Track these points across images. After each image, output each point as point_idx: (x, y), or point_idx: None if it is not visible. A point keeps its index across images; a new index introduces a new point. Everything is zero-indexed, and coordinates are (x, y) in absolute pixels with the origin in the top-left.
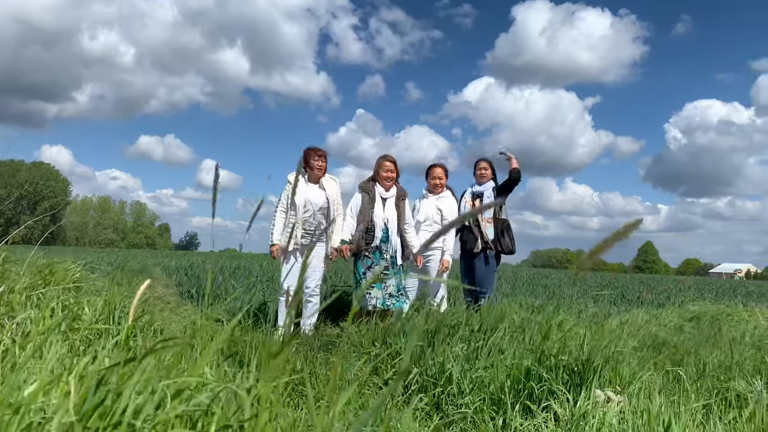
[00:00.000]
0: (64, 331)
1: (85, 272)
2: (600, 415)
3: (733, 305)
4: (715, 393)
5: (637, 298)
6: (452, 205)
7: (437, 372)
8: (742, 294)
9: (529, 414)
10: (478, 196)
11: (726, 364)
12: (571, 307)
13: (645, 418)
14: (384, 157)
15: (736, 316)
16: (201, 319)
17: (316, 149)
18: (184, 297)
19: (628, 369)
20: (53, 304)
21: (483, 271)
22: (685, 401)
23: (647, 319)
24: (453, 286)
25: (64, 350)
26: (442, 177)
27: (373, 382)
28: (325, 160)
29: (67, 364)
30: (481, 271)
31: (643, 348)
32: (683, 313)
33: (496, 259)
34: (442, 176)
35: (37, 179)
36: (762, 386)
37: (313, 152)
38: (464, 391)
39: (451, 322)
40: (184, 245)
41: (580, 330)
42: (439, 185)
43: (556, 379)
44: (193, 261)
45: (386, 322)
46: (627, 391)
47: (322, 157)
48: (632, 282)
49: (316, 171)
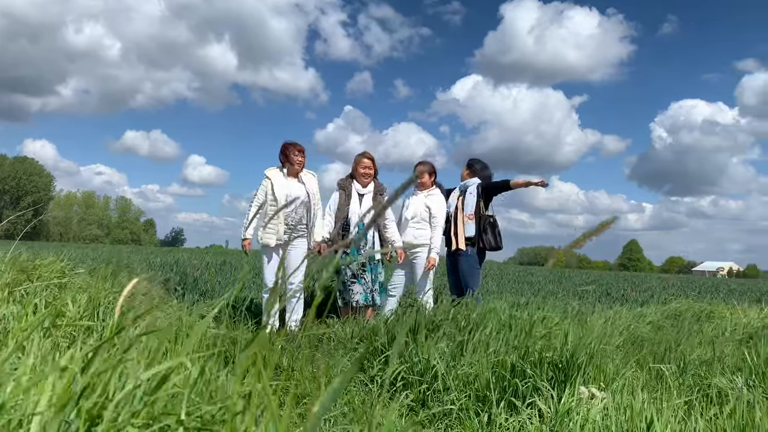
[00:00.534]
0: (47, 328)
1: (69, 268)
2: (584, 412)
3: (715, 303)
4: (697, 389)
5: (621, 296)
6: (440, 203)
7: (423, 368)
8: (724, 292)
9: (513, 410)
10: (463, 192)
11: (708, 361)
12: (556, 304)
13: (628, 414)
14: (362, 155)
15: (718, 314)
16: (186, 315)
17: (295, 144)
18: (169, 293)
19: (612, 366)
20: (36, 300)
21: (465, 268)
22: (667, 398)
23: (631, 317)
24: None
25: (47, 346)
26: (423, 176)
27: (359, 379)
28: (304, 155)
29: (49, 361)
30: (464, 268)
31: (626, 345)
32: (666, 310)
33: (478, 256)
34: (422, 175)
35: (20, 174)
36: (742, 382)
37: (292, 147)
38: (450, 388)
39: (436, 319)
40: (169, 241)
41: (564, 327)
42: (420, 184)
43: (540, 376)
44: (179, 257)
45: (368, 318)
46: (610, 388)
47: (302, 152)
48: (617, 279)
49: (296, 166)
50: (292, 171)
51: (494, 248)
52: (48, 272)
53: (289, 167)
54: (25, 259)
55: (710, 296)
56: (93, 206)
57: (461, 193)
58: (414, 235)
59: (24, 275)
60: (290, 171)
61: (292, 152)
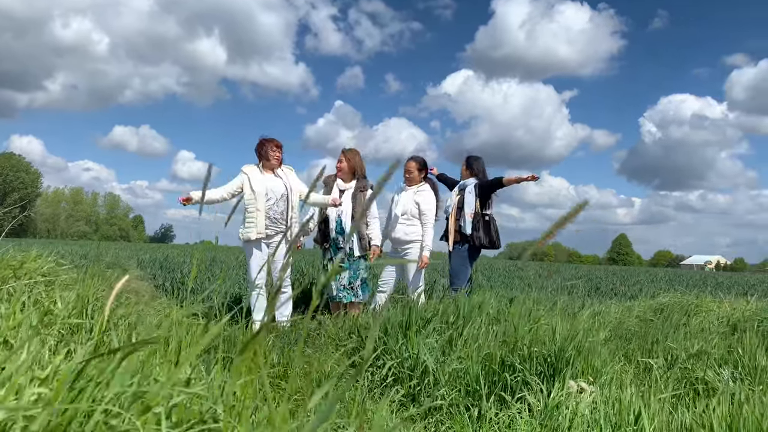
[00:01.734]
0: (36, 326)
1: (57, 265)
2: (573, 406)
3: (703, 296)
4: (685, 382)
5: (611, 290)
6: (430, 199)
7: (413, 364)
8: (712, 285)
9: (503, 405)
10: (462, 190)
11: (694, 354)
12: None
13: (616, 407)
14: (342, 151)
15: (705, 307)
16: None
17: (273, 140)
18: (159, 290)
19: (600, 359)
20: (24, 298)
21: (454, 265)
22: (654, 391)
23: (619, 311)
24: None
25: (36, 346)
26: (412, 171)
27: (350, 374)
28: (282, 151)
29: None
30: (453, 265)
31: (615, 339)
32: (653, 304)
33: (469, 253)
34: (411, 170)
35: (7, 171)
36: (728, 375)
37: (269, 143)
38: (440, 383)
39: (426, 314)
40: (158, 237)
41: (553, 321)
42: (408, 179)
43: (530, 370)
44: (168, 253)
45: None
46: (599, 382)
47: (279, 148)
48: (606, 274)
49: (273, 161)
50: (268, 166)
51: (488, 246)
52: (35, 268)
53: (265, 162)
54: (11, 257)
55: (698, 290)
56: (81, 202)
57: (460, 191)
58: (404, 232)
59: (11, 272)
60: (266, 166)
61: (270, 147)
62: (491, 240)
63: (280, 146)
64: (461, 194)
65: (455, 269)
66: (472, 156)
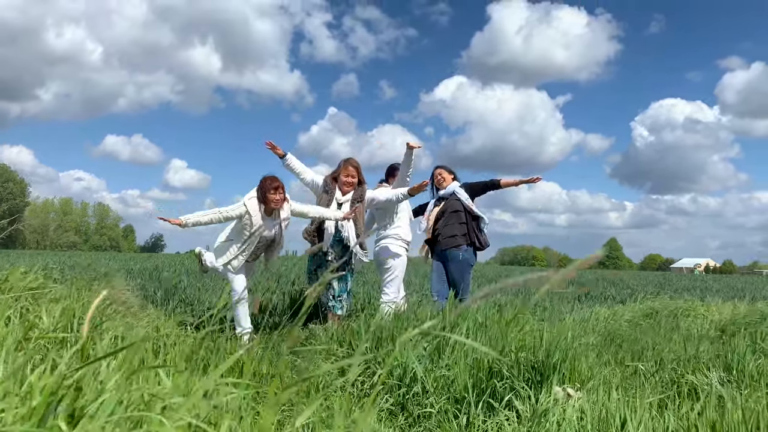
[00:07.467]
0: (20, 341)
1: (44, 278)
2: (560, 412)
3: (691, 300)
4: (674, 386)
5: (600, 294)
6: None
7: (402, 372)
8: (701, 289)
9: (491, 412)
10: (442, 199)
11: (682, 358)
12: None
13: (603, 413)
14: (347, 161)
15: (693, 311)
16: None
17: (273, 180)
18: (147, 300)
19: (586, 365)
20: (9, 312)
21: (462, 270)
22: (641, 395)
23: (608, 315)
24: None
25: (19, 360)
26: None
27: (338, 383)
28: (283, 190)
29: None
30: (460, 270)
31: (604, 343)
32: (643, 308)
33: (474, 255)
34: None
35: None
36: (716, 379)
37: (269, 184)
38: (428, 391)
39: (414, 323)
40: (149, 247)
41: (540, 327)
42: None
43: (517, 377)
44: (158, 263)
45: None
46: (586, 387)
47: (279, 189)
48: (596, 278)
49: (272, 205)
50: (268, 209)
51: (484, 247)
52: (20, 282)
53: (266, 206)
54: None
55: (687, 294)
56: (70, 213)
57: (440, 200)
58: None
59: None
60: (266, 210)
61: (268, 191)
62: (486, 240)
63: (278, 187)
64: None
65: (462, 275)
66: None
